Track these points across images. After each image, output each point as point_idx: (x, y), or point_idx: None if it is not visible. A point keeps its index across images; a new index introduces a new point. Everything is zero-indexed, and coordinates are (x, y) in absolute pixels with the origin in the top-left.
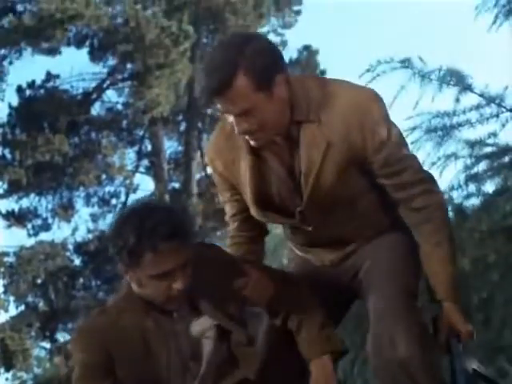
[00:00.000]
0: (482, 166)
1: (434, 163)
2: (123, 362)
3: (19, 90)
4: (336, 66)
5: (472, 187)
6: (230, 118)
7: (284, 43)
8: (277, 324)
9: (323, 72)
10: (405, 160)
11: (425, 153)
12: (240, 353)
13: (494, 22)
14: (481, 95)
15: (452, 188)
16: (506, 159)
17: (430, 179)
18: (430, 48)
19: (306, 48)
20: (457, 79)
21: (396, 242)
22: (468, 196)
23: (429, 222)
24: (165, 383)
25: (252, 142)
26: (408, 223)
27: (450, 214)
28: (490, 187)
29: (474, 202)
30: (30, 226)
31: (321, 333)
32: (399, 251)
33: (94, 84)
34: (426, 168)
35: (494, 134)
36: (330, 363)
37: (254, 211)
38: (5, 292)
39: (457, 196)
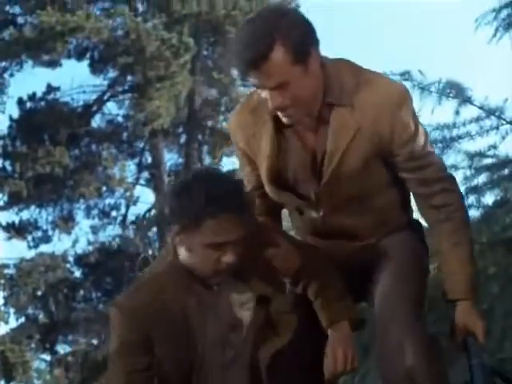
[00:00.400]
0: (481, 178)
1: None
2: (163, 340)
3: (20, 102)
4: None
5: (472, 199)
6: (263, 93)
7: None
8: (297, 291)
9: None
10: (429, 156)
11: None
12: (280, 320)
13: (494, 35)
14: (481, 107)
15: None
16: (506, 171)
17: (452, 178)
18: (430, 60)
19: None
20: (456, 91)
21: (408, 245)
22: (468, 208)
23: (449, 220)
24: (204, 357)
25: (284, 119)
26: (427, 221)
27: None
28: (489, 199)
29: (474, 213)
30: (30, 237)
31: (340, 301)
32: (410, 256)
33: (94, 96)
34: None
35: (494, 147)
36: (349, 328)
37: (267, 188)
38: (5, 304)
39: None
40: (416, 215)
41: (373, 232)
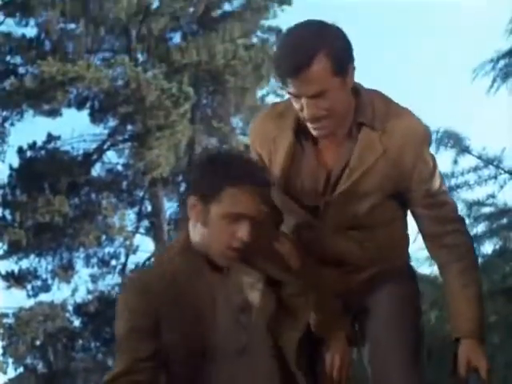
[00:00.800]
0: (480, 227)
1: None
2: (173, 324)
3: (20, 151)
4: None
5: None
6: (296, 104)
7: None
8: (287, 292)
9: None
10: (446, 195)
11: None
12: (294, 304)
13: (492, 85)
14: (479, 157)
15: None
16: (505, 220)
17: (463, 220)
18: (428, 110)
19: None
20: (454, 141)
21: (403, 292)
22: None
23: (459, 261)
24: (217, 344)
25: (315, 132)
26: (437, 261)
27: None
28: (489, 248)
29: None
30: (29, 286)
31: (339, 313)
32: (405, 303)
33: (94, 145)
34: None
35: (493, 196)
36: (346, 340)
37: (275, 193)
38: (3, 354)
39: None
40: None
41: (367, 265)
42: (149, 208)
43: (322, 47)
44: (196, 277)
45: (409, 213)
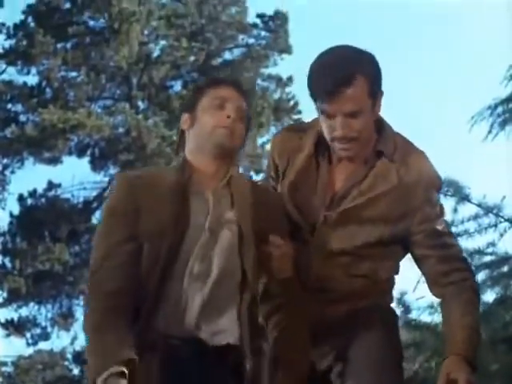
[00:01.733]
0: (481, 276)
1: None
2: (150, 214)
3: (20, 198)
4: None
5: None
6: (327, 124)
7: None
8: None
9: None
10: (452, 238)
11: None
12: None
13: (490, 132)
14: (479, 205)
15: None
16: (505, 268)
17: (468, 262)
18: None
19: None
20: (454, 190)
21: (386, 339)
22: None
23: (462, 294)
24: (186, 242)
25: (343, 153)
26: (442, 296)
27: None
28: (490, 296)
29: None
30: (28, 335)
31: (307, 344)
32: (387, 349)
33: (94, 193)
34: None
35: (493, 244)
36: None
37: (286, 199)
38: None
39: None
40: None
41: (348, 295)
42: None
43: (361, 68)
44: (181, 180)
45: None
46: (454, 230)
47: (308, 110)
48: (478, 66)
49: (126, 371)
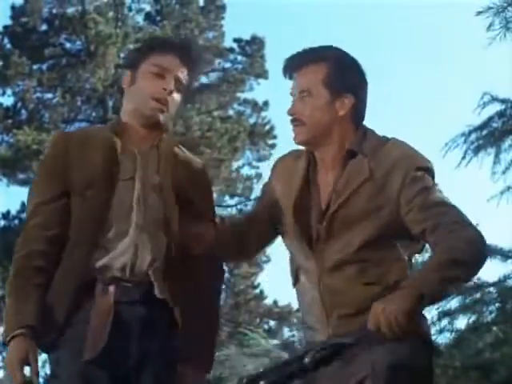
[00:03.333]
0: (454, 303)
1: None
2: (80, 170)
3: None
4: None
5: (445, 323)
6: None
7: (259, 176)
8: None
9: None
10: (445, 204)
11: None
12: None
13: (464, 158)
14: None
15: None
16: (478, 295)
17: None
18: None
19: None
20: None
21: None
22: (441, 331)
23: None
24: (118, 197)
25: (294, 137)
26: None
27: None
28: (462, 323)
29: (447, 337)
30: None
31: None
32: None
33: None
34: None
35: None
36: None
37: (289, 222)
38: None
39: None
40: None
41: (361, 306)
42: None
43: (324, 62)
44: (110, 145)
45: None
46: (427, 256)
47: (284, 135)
48: (451, 93)
49: (25, 332)
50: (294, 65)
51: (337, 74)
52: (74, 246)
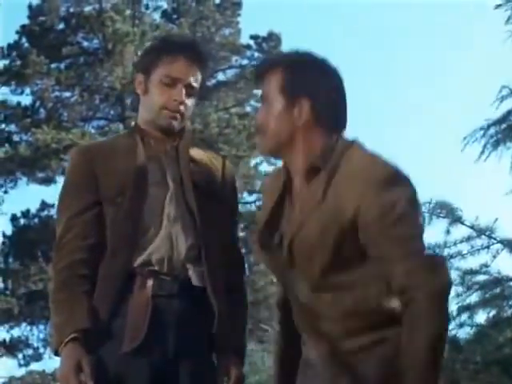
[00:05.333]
0: (474, 297)
1: None
2: (108, 178)
3: (13, 218)
4: None
5: (464, 317)
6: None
7: None
8: None
9: None
10: (399, 227)
11: None
12: None
13: (482, 152)
14: (471, 227)
15: None
16: (498, 290)
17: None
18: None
19: None
20: (447, 211)
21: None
22: (461, 326)
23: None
24: (151, 199)
25: (258, 146)
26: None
27: None
28: (482, 318)
29: (468, 332)
30: (20, 355)
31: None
32: None
33: None
34: None
35: (486, 265)
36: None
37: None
38: None
39: (450, 327)
40: None
41: (348, 330)
42: None
43: (282, 65)
44: (136, 141)
45: None
46: (447, 251)
47: None
48: (470, 87)
49: (78, 337)
50: (259, 73)
51: (291, 79)
52: (115, 252)
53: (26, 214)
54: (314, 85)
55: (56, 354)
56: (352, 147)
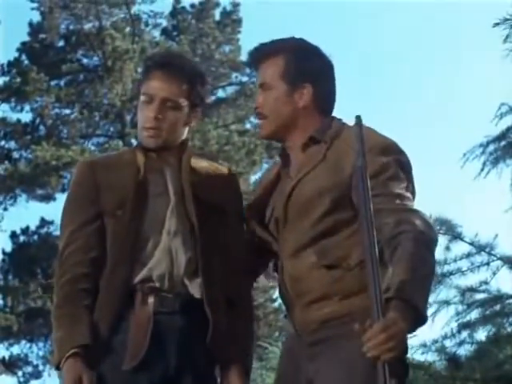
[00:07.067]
0: (474, 314)
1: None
2: (109, 191)
3: (13, 235)
4: None
5: (465, 335)
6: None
7: None
8: None
9: None
10: (392, 191)
11: None
12: None
13: (482, 169)
14: (471, 243)
15: (445, 336)
16: (498, 307)
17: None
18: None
19: None
20: (447, 228)
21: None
22: (460, 343)
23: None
24: (151, 210)
25: (259, 130)
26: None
27: (443, 362)
28: (482, 335)
29: (467, 350)
30: (20, 373)
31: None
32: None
33: None
34: None
35: (486, 282)
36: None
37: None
38: None
39: (450, 344)
40: None
41: (323, 293)
42: None
43: (284, 52)
44: (137, 155)
45: None
46: (446, 268)
47: None
48: (469, 104)
49: (79, 352)
50: (257, 58)
51: (293, 65)
52: (115, 266)
53: (25, 231)
54: (317, 73)
55: (57, 368)
56: (348, 124)
